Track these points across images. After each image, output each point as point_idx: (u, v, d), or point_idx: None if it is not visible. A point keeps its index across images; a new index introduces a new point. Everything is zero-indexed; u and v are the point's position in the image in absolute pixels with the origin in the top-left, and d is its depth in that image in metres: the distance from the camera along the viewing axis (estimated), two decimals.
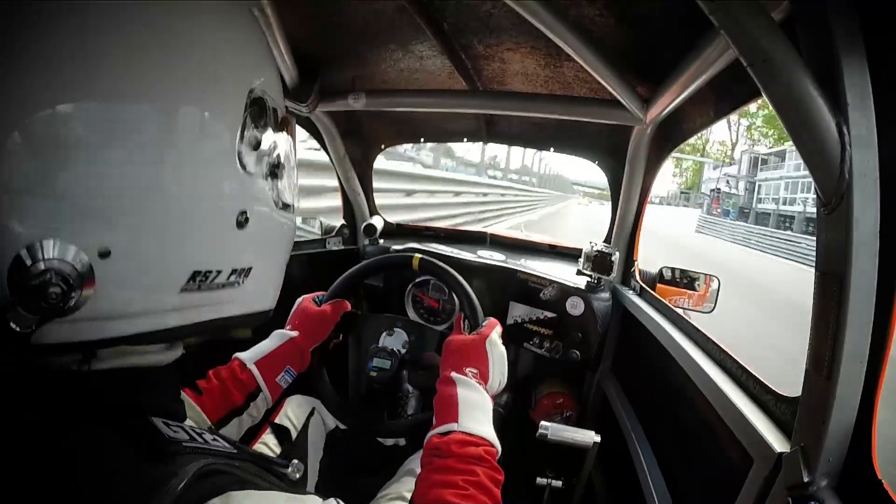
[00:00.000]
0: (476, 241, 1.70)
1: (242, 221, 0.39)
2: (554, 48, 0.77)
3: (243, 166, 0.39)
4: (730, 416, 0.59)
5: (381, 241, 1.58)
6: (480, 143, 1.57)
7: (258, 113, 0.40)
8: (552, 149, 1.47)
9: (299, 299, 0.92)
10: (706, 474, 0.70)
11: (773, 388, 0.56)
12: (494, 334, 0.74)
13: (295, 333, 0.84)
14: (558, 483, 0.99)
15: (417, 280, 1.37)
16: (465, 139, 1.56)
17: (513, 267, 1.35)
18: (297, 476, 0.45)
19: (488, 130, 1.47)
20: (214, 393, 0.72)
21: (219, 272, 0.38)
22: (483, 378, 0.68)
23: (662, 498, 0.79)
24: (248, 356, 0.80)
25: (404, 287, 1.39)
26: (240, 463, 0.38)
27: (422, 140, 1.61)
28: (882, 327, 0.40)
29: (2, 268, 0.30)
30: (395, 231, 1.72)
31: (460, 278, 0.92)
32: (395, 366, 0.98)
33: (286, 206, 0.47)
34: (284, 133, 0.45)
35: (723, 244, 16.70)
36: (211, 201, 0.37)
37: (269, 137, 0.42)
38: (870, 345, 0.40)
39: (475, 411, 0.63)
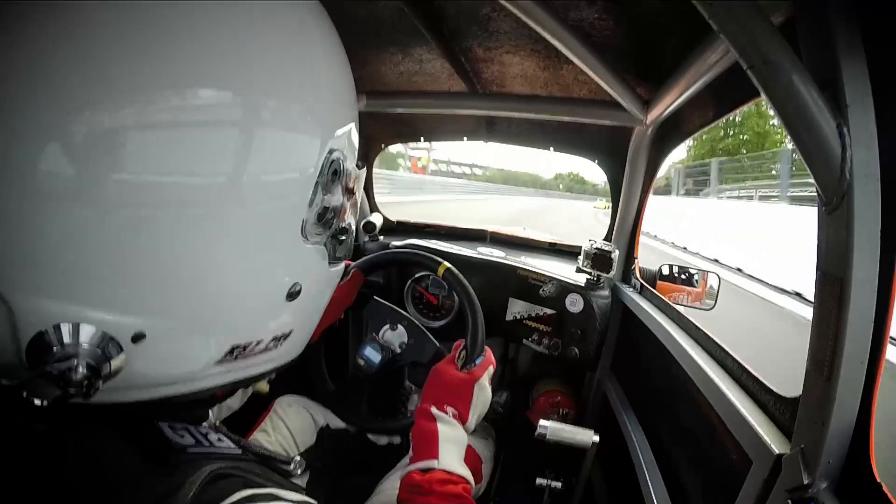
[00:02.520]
0: (476, 238, 1.70)
1: (294, 293, 0.36)
2: (553, 50, 0.77)
3: (305, 237, 0.35)
4: (729, 416, 0.59)
5: (381, 237, 1.59)
6: (481, 141, 1.57)
7: (332, 177, 0.35)
8: (552, 148, 1.47)
9: None
10: (705, 475, 0.71)
11: (773, 389, 0.56)
12: (485, 378, 0.74)
13: None
14: (558, 484, 0.99)
15: (417, 275, 1.38)
16: (465, 139, 1.56)
17: (513, 263, 1.35)
18: (300, 472, 0.46)
19: (488, 130, 1.47)
20: None
21: (259, 342, 0.36)
22: (462, 419, 0.69)
23: (661, 498, 0.79)
24: None
25: (404, 281, 1.39)
26: (245, 464, 0.38)
27: (421, 139, 1.61)
28: (882, 327, 0.40)
29: (22, 343, 0.27)
30: (395, 228, 1.73)
31: (477, 303, 0.91)
32: (383, 361, 0.98)
33: (341, 258, 0.43)
34: (353, 194, 0.41)
35: None
36: (264, 277, 0.33)
37: (338, 202, 0.37)
38: (870, 345, 0.40)
39: (454, 449, 0.64)
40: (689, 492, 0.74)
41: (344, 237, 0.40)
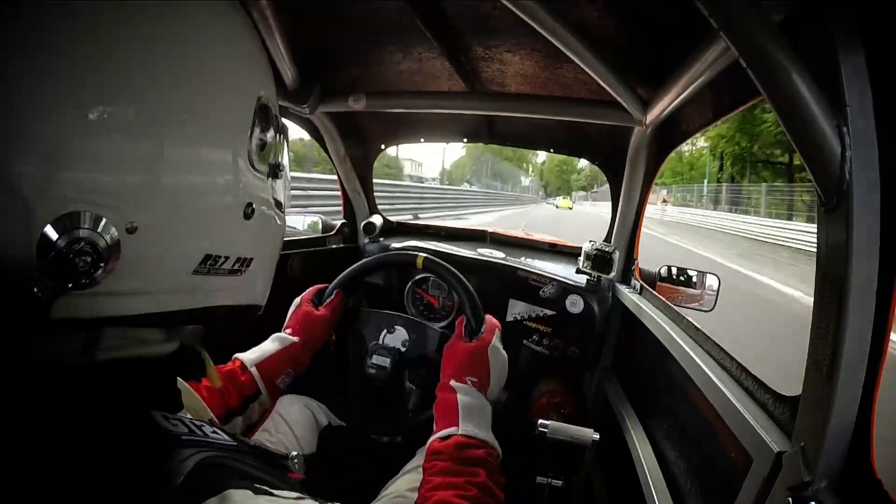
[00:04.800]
0: (476, 239, 1.70)
1: (249, 213, 0.42)
2: (553, 50, 0.77)
3: (251, 164, 0.42)
4: (729, 414, 0.59)
5: (381, 239, 1.59)
6: (481, 142, 1.57)
7: (264, 118, 0.44)
8: (552, 149, 1.48)
9: (297, 300, 0.92)
10: (706, 473, 0.71)
11: (773, 388, 0.56)
12: (496, 340, 0.75)
13: (295, 339, 0.85)
14: (558, 483, 0.99)
15: (417, 277, 1.38)
16: (466, 139, 1.56)
17: (513, 264, 1.35)
18: (297, 468, 0.46)
19: (489, 131, 1.48)
20: (213, 393, 0.72)
21: (226, 258, 0.41)
22: (482, 387, 0.69)
23: (662, 497, 0.79)
24: (248, 358, 0.80)
25: (404, 284, 1.40)
26: (240, 456, 0.39)
27: (422, 140, 1.61)
28: (882, 327, 0.40)
29: (34, 234, 0.31)
30: (395, 229, 1.73)
31: (462, 278, 0.92)
32: (394, 364, 0.99)
33: (280, 206, 0.50)
34: (284, 139, 0.49)
35: None
36: (225, 192, 0.40)
37: (272, 141, 0.46)
38: (870, 345, 0.40)
39: (475, 416, 0.64)
40: (690, 490, 0.74)
41: (278, 176, 0.48)
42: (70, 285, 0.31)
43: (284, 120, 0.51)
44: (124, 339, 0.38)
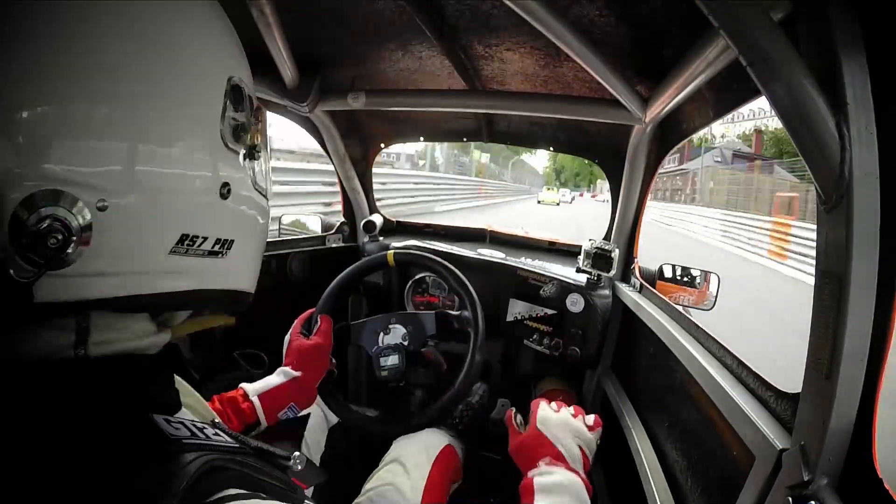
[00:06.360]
0: (476, 238, 1.71)
1: (225, 193, 0.42)
2: (553, 48, 0.77)
3: (225, 143, 0.42)
4: (731, 412, 0.59)
5: (381, 238, 1.59)
6: (481, 141, 1.57)
7: (237, 99, 0.44)
8: (552, 147, 1.47)
9: (287, 336, 0.91)
10: (707, 472, 0.71)
11: (773, 385, 0.56)
12: (541, 411, 0.71)
13: (298, 373, 0.84)
14: None
15: (416, 277, 1.38)
16: (465, 138, 1.56)
17: (513, 264, 1.35)
18: (300, 468, 0.46)
19: (489, 130, 1.47)
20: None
21: (205, 238, 0.41)
22: (559, 460, 0.65)
23: (663, 495, 0.79)
24: (252, 388, 0.80)
25: (404, 284, 1.40)
26: (242, 458, 0.38)
27: (421, 139, 1.61)
28: (882, 326, 0.40)
29: (4, 216, 0.31)
30: (395, 228, 1.73)
31: (440, 259, 0.92)
32: (403, 358, 1.00)
33: (261, 191, 0.50)
34: (259, 120, 0.50)
35: None
36: (198, 170, 0.40)
37: (246, 121, 0.46)
38: (870, 344, 0.40)
39: (555, 495, 0.60)
40: (690, 488, 0.74)
41: (255, 157, 0.48)
42: (44, 265, 0.32)
43: (279, 115, 0.51)
44: (114, 329, 0.38)
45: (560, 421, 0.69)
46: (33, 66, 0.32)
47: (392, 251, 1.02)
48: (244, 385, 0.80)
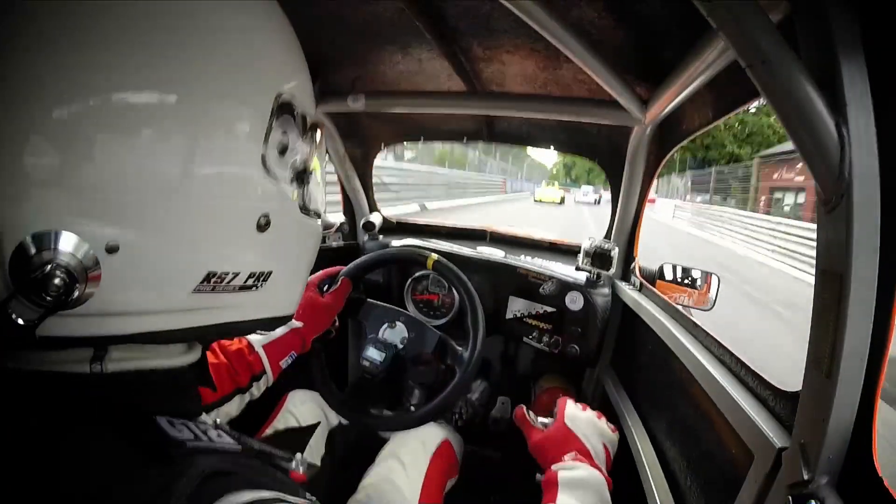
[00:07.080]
0: (476, 237, 1.71)
1: (263, 225, 0.38)
2: (553, 50, 0.77)
3: (267, 170, 0.38)
4: (730, 410, 0.60)
5: (381, 237, 1.59)
6: (481, 141, 1.57)
7: (286, 118, 0.39)
8: (552, 147, 1.48)
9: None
10: (706, 470, 0.71)
11: (773, 384, 0.56)
12: (569, 408, 0.71)
13: (300, 324, 0.86)
14: None
15: (417, 274, 1.38)
16: (465, 139, 1.56)
17: (512, 262, 1.35)
18: (302, 470, 0.46)
19: (488, 130, 1.48)
20: (222, 370, 0.74)
21: (236, 274, 0.37)
22: (585, 456, 0.66)
23: (662, 494, 0.79)
24: (256, 339, 0.82)
25: (404, 281, 1.40)
26: (244, 460, 0.38)
27: (422, 140, 1.62)
28: (882, 325, 0.40)
29: (5, 256, 0.29)
30: (395, 228, 1.73)
31: (470, 286, 0.93)
32: (388, 359, 0.99)
33: (312, 213, 0.46)
34: (313, 140, 0.44)
35: None
36: (231, 202, 0.36)
37: (296, 143, 0.41)
38: (870, 343, 0.41)
39: (577, 489, 0.61)
40: (690, 487, 0.74)
41: (306, 181, 0.43)
42: (49, 309, 0.30)
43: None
44: (134, 352, 0.36)
45: (588, 419, 0.71)
46: (32, 85, 0.29)
47: (435, 256, 1.02)
48: (248, 337, 0.81)
